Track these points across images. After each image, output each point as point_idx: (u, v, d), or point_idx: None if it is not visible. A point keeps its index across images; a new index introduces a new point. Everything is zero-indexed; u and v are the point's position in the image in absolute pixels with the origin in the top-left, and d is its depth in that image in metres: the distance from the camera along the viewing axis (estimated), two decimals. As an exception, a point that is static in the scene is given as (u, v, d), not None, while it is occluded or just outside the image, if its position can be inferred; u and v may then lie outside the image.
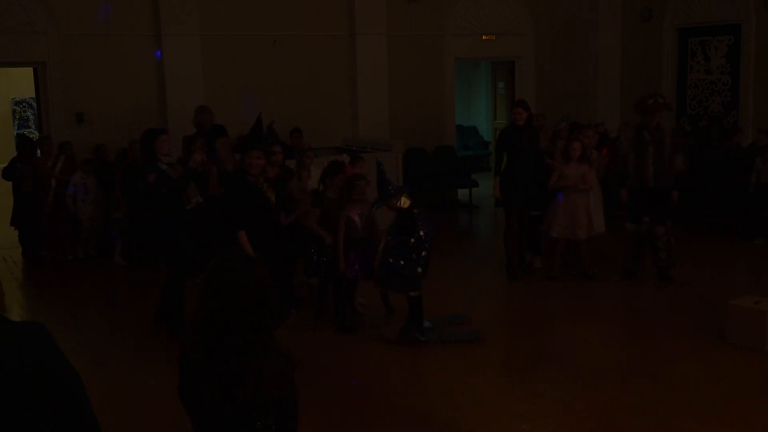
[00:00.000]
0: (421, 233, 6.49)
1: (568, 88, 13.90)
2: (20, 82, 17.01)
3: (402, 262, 6.50)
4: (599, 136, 10.09)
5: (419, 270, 6.50)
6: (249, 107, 11.13)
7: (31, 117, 18.43)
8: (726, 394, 5.58)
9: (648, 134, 7.95)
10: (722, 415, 5.22)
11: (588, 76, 14.31)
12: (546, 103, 12.99)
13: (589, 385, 5.76)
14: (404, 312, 6.75)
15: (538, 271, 8.77)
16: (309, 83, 11.98)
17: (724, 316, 6.61)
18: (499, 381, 6.00)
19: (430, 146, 13.09)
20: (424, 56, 12.97)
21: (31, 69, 11.26)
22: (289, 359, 2.56)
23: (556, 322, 7.35)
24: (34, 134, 16.87)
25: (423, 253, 6.51)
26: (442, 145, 13.26)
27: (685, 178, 8.16)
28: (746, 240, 10.01)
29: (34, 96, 12.41)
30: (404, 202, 6.57)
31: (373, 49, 12.36)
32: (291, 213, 7.17)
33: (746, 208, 10.25)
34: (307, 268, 7.22)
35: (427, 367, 6.33)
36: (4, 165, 10.34)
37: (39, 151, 10.25)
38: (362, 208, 6.87)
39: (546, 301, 8.00)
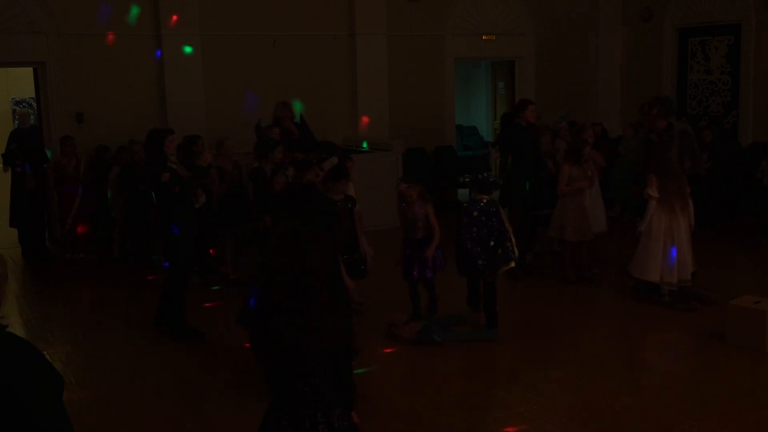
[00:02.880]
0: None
1: (568, 88, 13.90)
2: (20, 82, 17.02)
3: (479, 249, 6.68)
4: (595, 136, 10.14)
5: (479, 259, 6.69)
6: (249, 108, 11.11)
7: (32, 117, 18.39)
8: (726, 394, 5.58)
9: (655, 136, 7.91)
10: (722, 415, 5.22)
11: (588, 76, 14.32)
12: (546, 103, 12.96)
13: (590, 385, 5.76)
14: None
15: (534, 268, 8.77)
16: (309, 83, 11.97)
17: (724, 316, 6.62)
18: (499, 380, 6.00)
19: (430, 146, 13.10)
20: (424, 56, 12.97)
21: (31, 69, 11.26)
22: (344, 315, 3.00)
23: (556, 321, 7.34)
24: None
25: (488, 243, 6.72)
26: (442, 145, 13.26)
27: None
28: (756, 237, 10.05)
29: (34, 96, 12.40)
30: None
31: (373, 49, 12.36)
32: None
33: (755, 205, 10.33)
34: None
35: (428, 367, 6.32)
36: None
37: (60, 151, 10.14)
38: (420, 208, 6.88)
39: (546, 300, 7.99)
